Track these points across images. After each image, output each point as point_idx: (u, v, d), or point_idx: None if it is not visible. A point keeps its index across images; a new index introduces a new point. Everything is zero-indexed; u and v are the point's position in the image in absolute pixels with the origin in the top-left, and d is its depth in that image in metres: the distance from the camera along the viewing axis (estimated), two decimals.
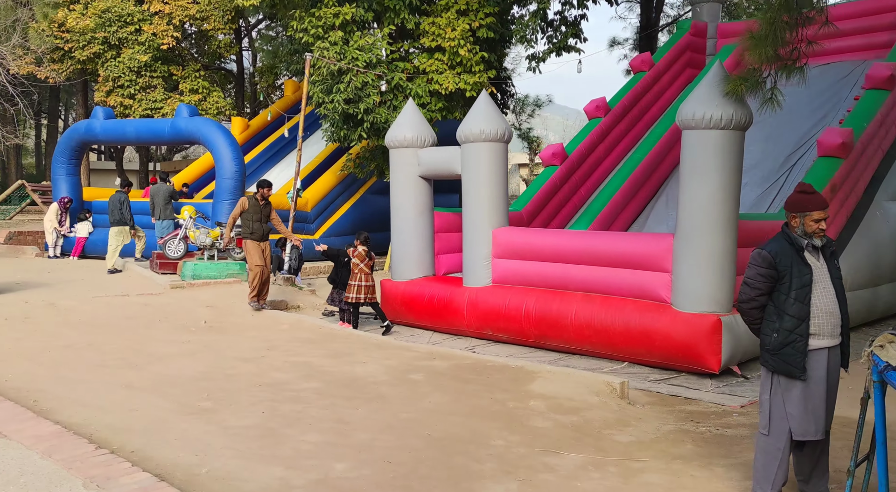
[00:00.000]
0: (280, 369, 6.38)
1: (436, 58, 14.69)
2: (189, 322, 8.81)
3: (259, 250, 9.76)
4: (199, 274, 11.96)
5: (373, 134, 14.03)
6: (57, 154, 16.84)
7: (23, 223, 22.31)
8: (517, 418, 4.98)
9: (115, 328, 8.16)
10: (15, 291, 10.58)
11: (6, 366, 6.05)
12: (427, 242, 9.97)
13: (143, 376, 5.96)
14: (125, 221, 13.77)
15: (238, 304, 10.15)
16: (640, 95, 13.38)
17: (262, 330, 8.47)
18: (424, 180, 9.95)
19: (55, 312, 9.06)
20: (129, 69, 21.48)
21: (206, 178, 20.08)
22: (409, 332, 9.68)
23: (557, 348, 8.19)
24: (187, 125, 15.56)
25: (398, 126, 9.94)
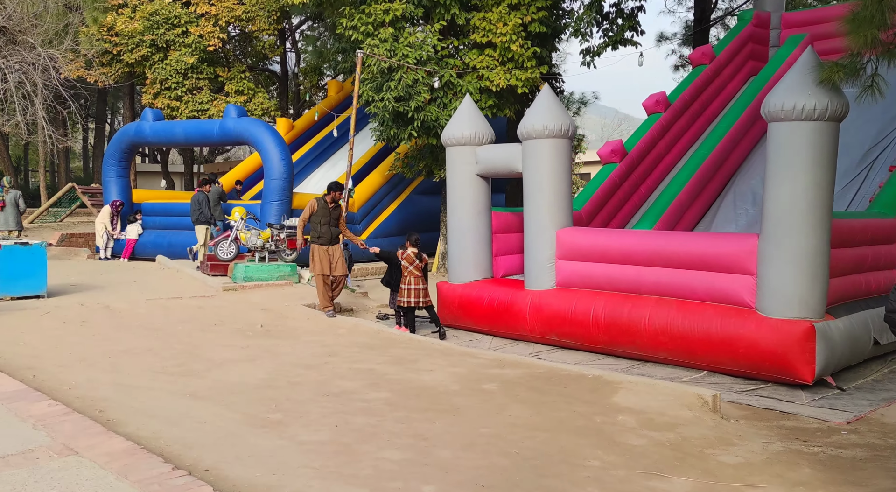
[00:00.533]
0: (345, 376, 6.10)
1: (486, 54, 14.34)
2: (244, 326, 8.62)
3: (325, 256, 9.36)
4: (251, 276, 11.81)
5: (423, 132, 13.74)
6: (107, 157, 16.94)
7: (73, 225, 22.60)
8: (607, 434, 4.61)
9: (172, 332, 8.00)
10: (70, 294, 10.54)
11: (68, 372, 5.89)
12: (485, 244, 9.63)
13: (205, 384, 5.73)
14: (207, 219, 13.98)
15: (292, 307, 9.94)
16: (701, 89, 12.84)
17: (319, 335, 8.22)
18: (482, 179, 9.61)
19: (111, 315, 8.95)
20: (176, 71, 21.59)
21: (253, 177, 20.08)
22: (468, 336, 9.35)
23: (628, 356, 7.78)
24: (235, 126, 15.48)
25: (455, 123, 9.62)
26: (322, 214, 9.40)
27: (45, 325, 8.07)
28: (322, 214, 9.40)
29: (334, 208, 9.48)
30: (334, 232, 9.44)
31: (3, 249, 9.69)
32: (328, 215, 9.39)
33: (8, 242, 9.83)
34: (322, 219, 9.37)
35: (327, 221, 9.37)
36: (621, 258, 7.91)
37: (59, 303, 9.66)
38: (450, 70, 13.76)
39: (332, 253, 9.38)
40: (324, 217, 9.37)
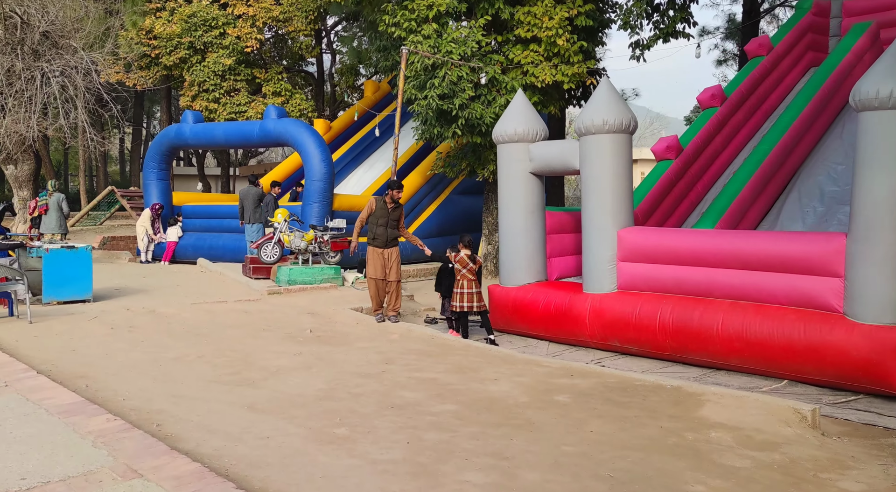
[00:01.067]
0: (406, 386, 5.78)
1: (531, 49, 13.95)
2: (294, 331, 8.36)
3: (379, 259, 8.90)
4: (295, 279, 11.58)
5: (467, 131, 13.40)
6: (148, 159, 16.91)
7: (113, 228, 22.72)
8: (704, 454, 4.21)
9: (221, 338, 7.77)
10: (115, 298, 10.41)
11: (120, 381, 5.66)
12: (539, 245, 9.26)
13: (262, 395, 5.46)
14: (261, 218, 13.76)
15: (340, 311, 9.67)
16: (758, 82, 12.30)
17: (371, 340, 7.92)
18: (536, 177, 9.24)
19: (157, 320, 8.77)
20: (214, 73, 21.58)
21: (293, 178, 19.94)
22: (522, 342, 8.98)
23: (698, 363, 7.34)
24: (276, 127, 15.32)
25: (507, 119, 9.26)
26: (380, 214, 8.92)
27: (93, 330, 7.90)
28: (380, 215, 8.92)
29: (394, 209, 8.96)
30: (391, 234, 8.94)
31: (50, 252, 9.58)
32: (386, 216, 8.90)
33: (54, 246, 9.73)
34: (379, 219, 8.90)
35: (385, 221, 8.88)
36: (691, 259, 7.47)
37: (105, 307, 9.52)
38: (494, 66, 13.40)
39: (388, 256, 8.90)
40: (381, 218, 8.89)
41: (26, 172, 17.56)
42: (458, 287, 8.65)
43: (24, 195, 17.90)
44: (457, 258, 8.70)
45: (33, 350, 6.69)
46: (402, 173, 19.05)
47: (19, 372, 5.16)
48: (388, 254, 8.89)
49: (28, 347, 6.80)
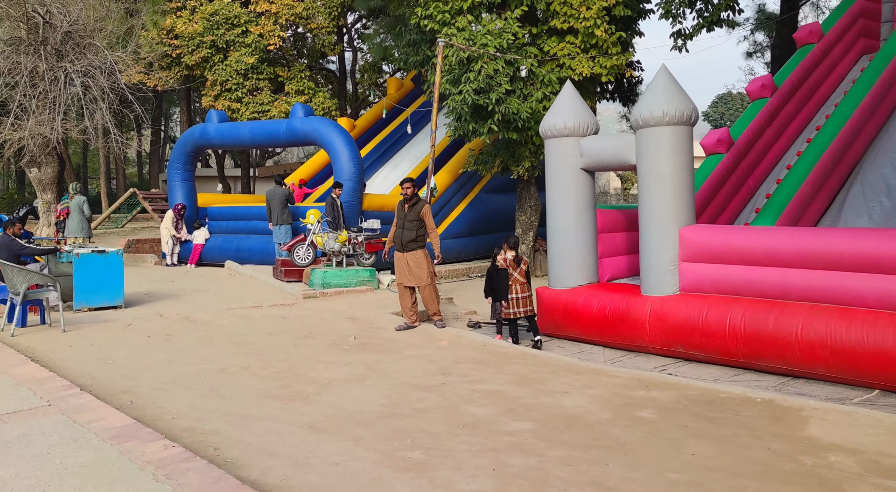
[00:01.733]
0: (472, 401, 5.35)
1: (567, 41, 13.48)
2: (337, 338, 7.95)
3: (400, 263, 8.63)
4: (329, 282, 11.19)
5: (502, 126, 12.94)
6: (172, 160, 16.61)
7: (137, 231, 22.50)
8: (832, 484, 3.74)
9: (263, 347, 7.38)
10: (146, 304, 10.07)
11: (167, 397, 5.27)
12: (591, 245, 8.79)
13: (320, 411, 5.05)
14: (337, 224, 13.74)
15: (380, 316, 9.27)
16: (810, 71, 11.74)
17: (420, 348, 7.50)
18: (587, 173, 8.77)
19: (193, 327, 8.40)
20: (237, 72, 21.26)
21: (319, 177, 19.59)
22: (575, 347, 8.51)
23: (774, 370, 6.84)
24: (303, 125, 14.95)
25: (556, 113, 8.79)
26: (398, 215, 8.73)
27: (129, 339, 7.54)
28: (398, 216, 8.72)
29: (410, 208, 8.64)
30: (406, 235, 8.55)
31: (81, 257, 9.24)
32: (402, 217, 8.65)
33: (84, 250, 9.39)
34: (398, 221, 8.69)
35: (401, 223, 8.63)
36: (764, 259, 6.98)
37: (137, 314, 9.18)
38: (531, 59, 12.94)
39: (409, 259, 8.56)
40: (399, 219, 8.68)
41: (50, 174, 17.32)
42: (513, 292, 8.20)
43: (48, 198, 17.66)
44: (507, 262, 8.25)
45: (70, 362, 6.33)
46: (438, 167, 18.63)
47: (61, 389, 4.78)
48: (409, 257, 8.56)
49: (64, 359, 6.44)
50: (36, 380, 4.99)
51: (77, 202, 14.57)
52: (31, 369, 5.29)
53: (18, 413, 4.26)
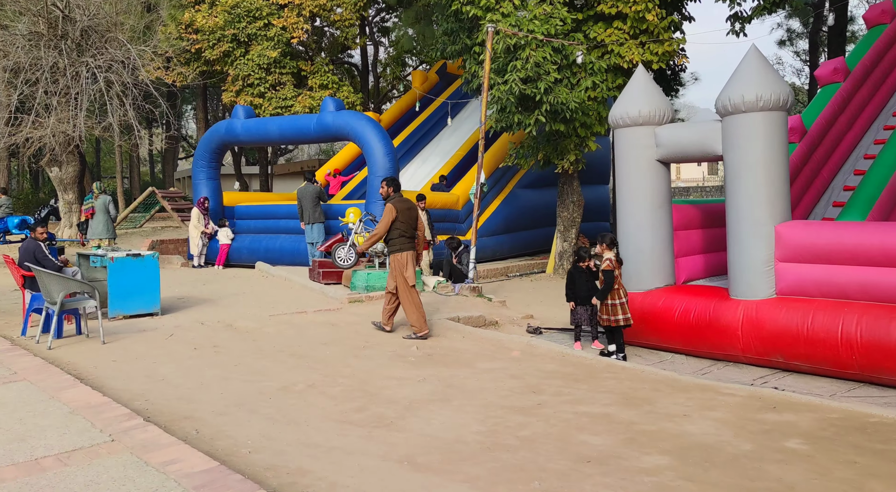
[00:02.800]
0: (582, 427, 4.68)
1: (615, 27, 12.75)
2: (398, 348, 7.30)
3: (391, 267, 7.89)
4: (373, 285, 10.55)
5: (550, 117, 12.23)
6: (197, 158, 16.01)
7: (158, 231, 21.96)
8: None
9: (321, 359, 6.73)
10: (182, 310, 9.46)
11: (234, 424, 4.63)
12: (667, 243, 8.09)
13: (412, 441, 4.39)
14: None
15: (435, 322, 8.61)
16: (883, 53, 10.98)
17: (493, 360, 6.84)
18: (662, 165, 8.07)
19: (240, 337, 7.77)
20: (259, 66, 20.65)
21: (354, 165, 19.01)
22: (654, 355, 7.83)
23: None
24: (335, 120, 14.27)
25: (628, 100, 8.09)
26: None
27: (174, 352, 6.91)
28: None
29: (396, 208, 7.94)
30: (395, 238, 7.87)
31: (115, 262, 8.63)
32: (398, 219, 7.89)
33: (119, 254, 8.78)
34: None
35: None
36: (882, 259, 6.27)
37: (176, 321, 8.56)
38: (581, 45, 12.22)
39: (394, 263, 7.88)
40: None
41: (71, 174, 16.76)
42: (616, 297, 7.49)
43: (70, 198, 17.11)
44: (608, 263, 7.53)
45: (118, 380, 5.71)
46: (464, 166, 17.98)
47: (121, 419, 4.15)
48: (394, 259, 7.91)
49: (111, 376, 5.82)
50: (90, 407, 4.36)
51: (102, 202, 13.96)
52: (83, 393, 4.66)
53: (80, 451, 3.63)
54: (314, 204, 13.64)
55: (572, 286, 8.05)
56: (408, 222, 7.74)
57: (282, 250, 14.62)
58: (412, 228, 7.80)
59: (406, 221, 7.72)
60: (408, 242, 7.75)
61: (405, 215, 7.73)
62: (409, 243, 7.76)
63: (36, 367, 5.51)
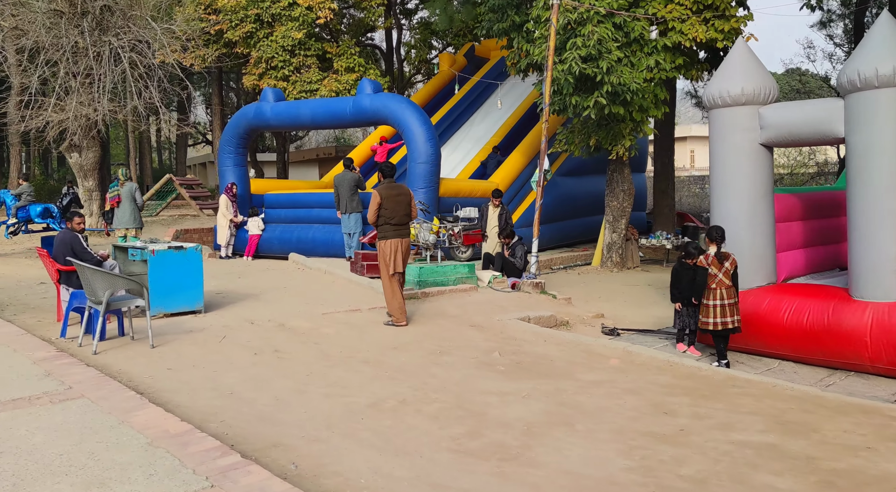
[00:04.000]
0: (754, 464, 3.91)
1: (676, 2, 11.88)
2: (478, 354, 6.54)
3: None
4: (426, 280, 9.77)
5: (610, 99, 11.40)
6: (223, 143, 15.19)
7: (176, 220, 21.23)
8: None
9: (399, 367, 5.98)
10: (224, 306, 8.70)
11: (334, 454, 3.88)
12: (769, 237, 7.30)
13: (557, 481, 3.64)
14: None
15: (508, 323, 7.86)
16: None
17: (590, 369, 6.07)
18: (766, 150, 7.25)
19: (299, 339, 7.01)
20: (283, 48, 19.78)
21: None
22: (759, 363, 7.05)
23: None
24: (372, 103, 13.42)
25: (727, 76, 7.26)
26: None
27: (233, 357, 6.16)
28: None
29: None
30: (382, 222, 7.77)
31: (157, 255, 7.87)
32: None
33: (160, 247, 8.01)
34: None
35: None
36: None
37: (222, 320, 7.81)
38: (641, 22, 11.37)
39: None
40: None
41: (92, 160, 15.99)
42: (713, 298, 6.71)
43: (90, 185, 16.35)
44: (707, 259, 6.75)
45: (182, 394, 4.96)
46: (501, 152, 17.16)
47: (213, 454, 3.39)
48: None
49: (172, 389, 5.07)
50: (170, 436, 3.61)
51: (129, 189, 13.17)
52: (156, 417, 3.91)
53: None
54: (352, 192, 12.83)
55: (677, 284, 7.26)
56: (393, 209, 7.53)
57: (315, 241, 13.85)
58: (401, 214, 7.58)
59: (391, 207, 7.53)
60: (393, 230, 7.58)
61: (390, 202, 7.53)
62: (395, 231, 7.59)
63: (92, 380, 4.76)
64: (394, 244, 7.57)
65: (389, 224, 7.57)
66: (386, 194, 7.54)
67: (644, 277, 13.31)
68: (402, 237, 7.59)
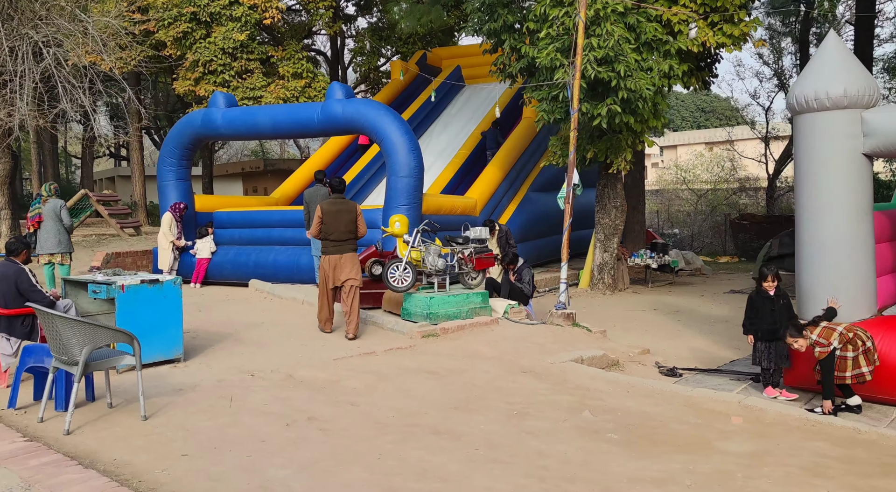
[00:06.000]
0: None
1: (681, 4, 11.07)
2: (563, 413, 5.22)
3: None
4: (437, 312, 8.37)
5: (623, 106, 10.38)
6: (164, 154, 13.21)
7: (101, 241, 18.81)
8: None
9: (489, 442, 4.58)
10: (205, 352, 7.02)
11: None
12: (872, 263, 6.36)
13: None
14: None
15: (566, 368, 6.59)
16: None
17: (721, 434, 4.87)
18: (868, 161, 6.33)
19: (326, 398, 5.49)
20: (223, 51, 17.92)
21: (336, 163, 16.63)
22: (872, 411, 6.06)
23: None
24: (346, 110, 11.84)
25: (822, 76, 6.30)
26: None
27: (260, 431, 4.59)
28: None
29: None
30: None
31: (128, 291, 6.13)
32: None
33: (131, 281, 6.27)
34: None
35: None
36: None
37: (212, 372, 6.18)
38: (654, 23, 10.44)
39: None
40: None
41: (1, 172, 13.69)
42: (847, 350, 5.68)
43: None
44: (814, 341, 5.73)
45: None
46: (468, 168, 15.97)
47: None
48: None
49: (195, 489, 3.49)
50: None
51: (52, 207, 10.87)
52: None
53: None
54: None
55: (753, 315, 6.20)
56: (333, 225, 7.68)
57: (276, 265, 12.15)
58: (341, 230, 7.70)
59: (331, 223, 7.68)
60: (332, 246, 7.72)
61: (330, 218, 7.68)
62: (335, 247, 7.72)
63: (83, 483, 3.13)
64: (332, 260, 7.70)
65: (328, 239, 7.71)
66: (328, 209, 7.70)
67: (642, 301, 12.36)
68: (340, 253, 7.72)
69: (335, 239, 7.71)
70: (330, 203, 7.80)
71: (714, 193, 32.55)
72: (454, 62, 20.80)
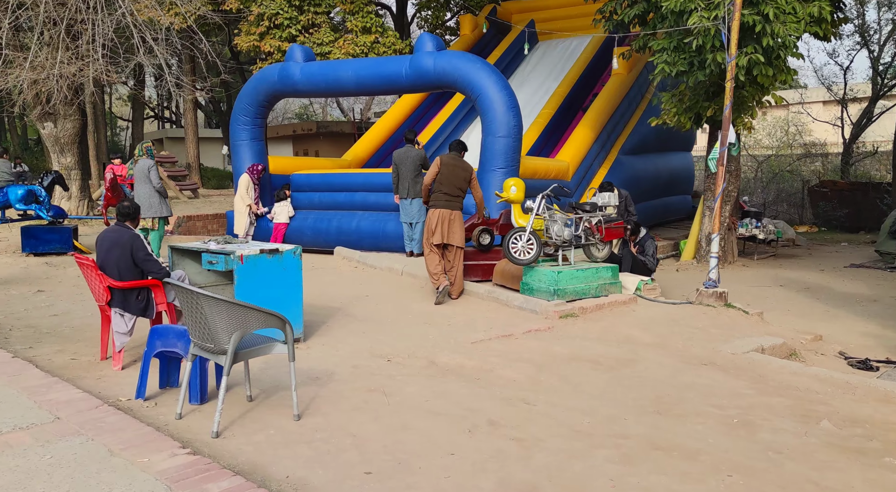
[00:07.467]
0: None
1: None
2: (792, 422, 4.24)
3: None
4: (564, 288, 7.41)
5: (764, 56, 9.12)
6: (237, 112, 12.35)
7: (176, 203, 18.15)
8: None
9: (730, 461, 3.63)
10: (320, 331, 6.18)
11: None
12: None
13: None
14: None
15: (756, 360, 5.60)
16: None
17: None
18: None
19: (487, 392, 4.58)
20: (289, 4, 16.93)
21: None
22: None
23: None
24: (437, 63, 10.77)
25: None
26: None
27: (439, 439, 3.71)
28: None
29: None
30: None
31: (247, 261, 5.29)
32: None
33: (248, 250, 5.42)
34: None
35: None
36: None
37: (342, 356, 5.36)
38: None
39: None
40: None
41: (70, 131, 13.02)
42: None
43: (67, 162, 13.34)
44: None
45: None
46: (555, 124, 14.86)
47: None
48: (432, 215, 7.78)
49: None
50: None
51: (142, 168, 9.90)
52: None
53: None
54: (415, 172, 10.25)
55: None
56: (449, 177, 7.49)
57: (360, 232, 11.28)
58: (455, 185, 7.49)
59: (447, 174, 7.49)
60: (444, 199, 7.49)
61: (448, 170, 7.51)
62: (447, 201, 7.49)
63: None
64: (443, 215, 7.44)
65: (441, 191, 7.50)
66: (447, 162, 7.52)
67: (759, 275, 11.23)
68: (451, 208, 7.47)
69: (448, 192, 7.48)
70: (450, 157, 7.65)
71: (777, 159, 30.73)
72: (526, 16, 19.54)
